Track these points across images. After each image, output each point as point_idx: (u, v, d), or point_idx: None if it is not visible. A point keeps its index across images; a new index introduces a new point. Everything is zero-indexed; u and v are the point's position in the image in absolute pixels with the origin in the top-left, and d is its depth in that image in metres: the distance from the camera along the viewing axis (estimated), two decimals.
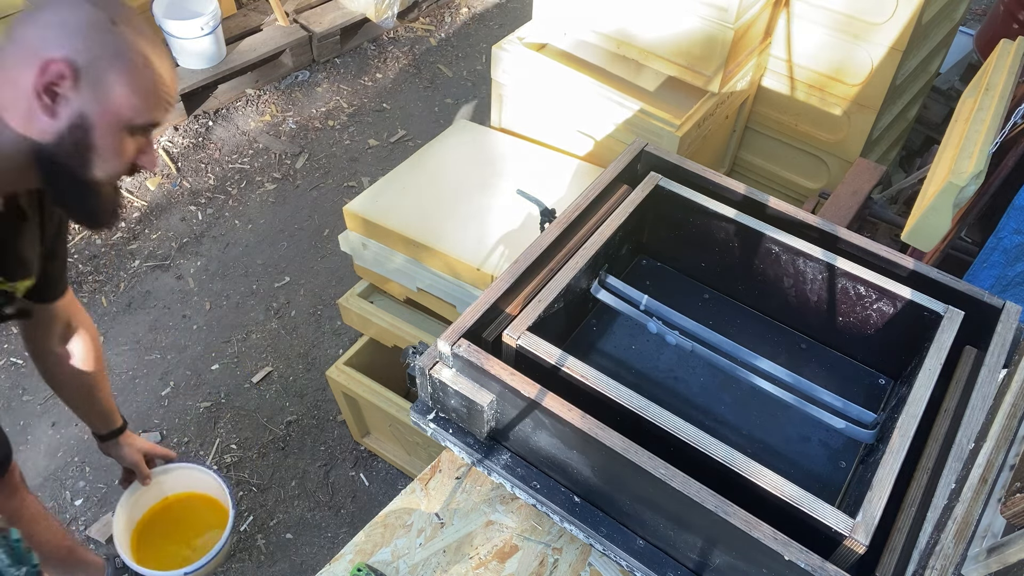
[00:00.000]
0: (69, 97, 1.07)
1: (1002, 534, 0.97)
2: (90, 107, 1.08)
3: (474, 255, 1.95)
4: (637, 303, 1.41)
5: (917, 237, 1.69)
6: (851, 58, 2.43)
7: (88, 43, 1.07)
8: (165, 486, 1.79)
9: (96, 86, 1.08)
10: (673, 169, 1.46)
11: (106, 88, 1.08)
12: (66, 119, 1.08)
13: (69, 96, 1.07)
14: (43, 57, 1.04)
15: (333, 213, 3.32)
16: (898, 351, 1.32)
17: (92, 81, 1.07)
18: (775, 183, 2.88)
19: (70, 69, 1.05)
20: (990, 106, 1.73)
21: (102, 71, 1.08)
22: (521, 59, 2.32)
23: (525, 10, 4.52)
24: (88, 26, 1.07)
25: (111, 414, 1.67)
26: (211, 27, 3.39)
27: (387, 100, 3.90)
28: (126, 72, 1.09)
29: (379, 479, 2.51)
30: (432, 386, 1.21)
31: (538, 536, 1.28)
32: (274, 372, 2.76)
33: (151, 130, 1.18)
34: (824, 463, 1.24)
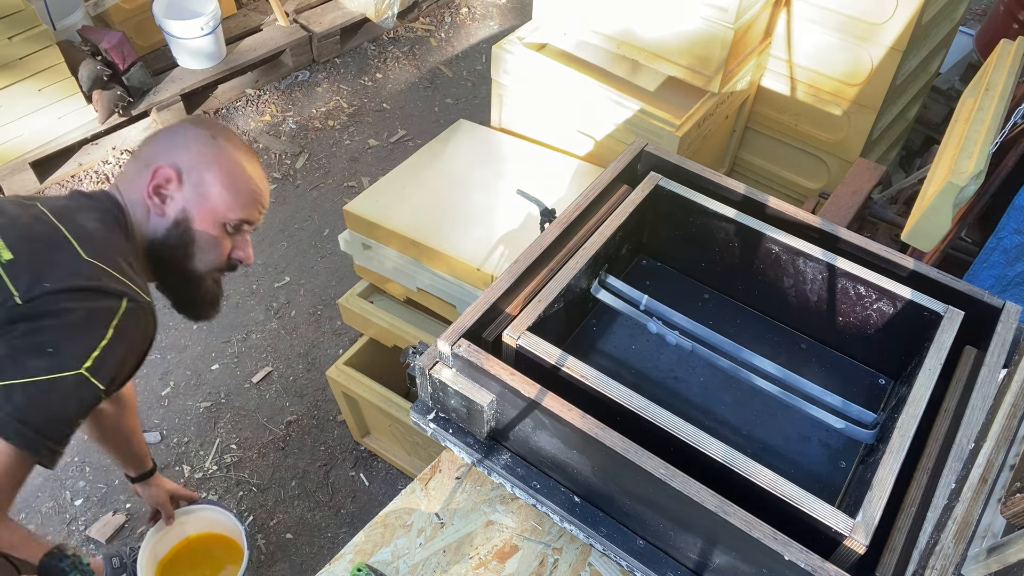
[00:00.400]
0: (175, 196, 1.30)
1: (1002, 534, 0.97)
2: (192, 203, 1.30)
3: (474, 255, 1.94)
4: (637, 303, 1.41)
5: (917, 237, 1.69)
6: (851, 58, 2.43)
7: (190, 151, 1.30)
8: (187, 526, 1.96)
9: (197, 186, 1.30)
10: (673, 169, 1.46)
11: (205, 187, 1.30)
12: (172, 214, 1.30)
13: (175, 196, 1.30)
14: (154, 165, 1.29)
15: (333, 213, 3.32)
16: (898, 351, 1.32)
17: (194, 182, 1.30)
18: (775, 183, 2.88)
19: (175, 172, 1.29)
20: (990, 106, 1.73)
21: (201, 173, 1.30)
22: (521, 59, 2.32)
23: (525, 10, 4.52)
24: (191, 139, 1.31)
25: (144, 458, 1.83)
26: (211, 27, 3.39)
27: (387, 100, 3.90)
28: (221, 173, 1.31)
29: (379, 479, 2.51)
30: (432, 386, 1.21)
31: (538, 536, 1.28)
32: (274, 372, 2.76)
33: (245, 229, 1.38)
34: (824, 463, 1.24)
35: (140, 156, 1.33)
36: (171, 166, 1.28)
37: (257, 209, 1.37)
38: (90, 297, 1.14)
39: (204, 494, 2.43)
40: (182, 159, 1.29)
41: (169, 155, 1.30)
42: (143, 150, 1.33)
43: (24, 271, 1.13)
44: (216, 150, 1.31)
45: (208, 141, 1.31)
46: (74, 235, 1.20)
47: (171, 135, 1.33)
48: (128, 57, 3.24)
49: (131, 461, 1.81)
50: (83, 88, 3.15)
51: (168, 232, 1.30)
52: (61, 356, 1.11)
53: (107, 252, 1.21)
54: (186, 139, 1.31)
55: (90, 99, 3.21)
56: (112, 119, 3.30)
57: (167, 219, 1.30)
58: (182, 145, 1.30)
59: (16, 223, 1.20)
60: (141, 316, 1.21)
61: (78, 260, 1.17)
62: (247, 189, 1.34)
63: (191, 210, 1.30)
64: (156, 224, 1.31)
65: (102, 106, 3.19)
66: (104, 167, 3.36)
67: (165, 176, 1.28)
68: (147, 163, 1.30)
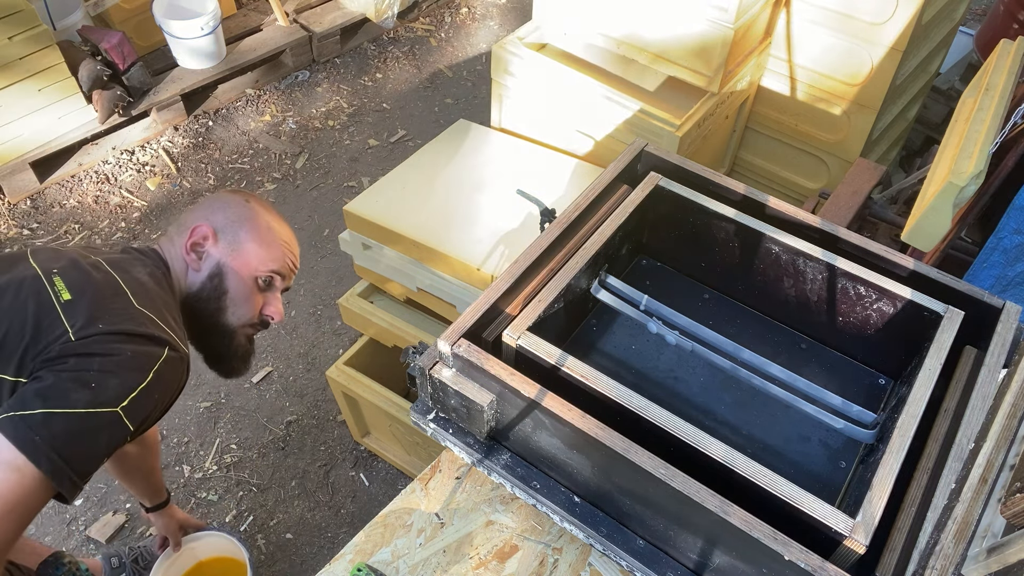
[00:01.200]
0: (210, 252, 1.41)
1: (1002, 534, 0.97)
2: (226, 258, 1.41)
3: (474, 255, 1.94)
4: (637, 303, 1.41)
5: (917, 237, 1.69)
6: (851, 58, 2.43)
7: (226, 212, 1.43)
8: (198, 551, 2.05)
9: (231, 242, 1.42)
10: (673, 169, 1.46)
11: (239, 243, 1.42)
12: (207, 268, 1.40)
13: (210, 251, 1.41)
14: (192, 225, 1.41)
15: (333, 213, 3.32)
16: (898, 351, 1.32)
17: (228, 239, 1.42)
18: (775, 183, 2.88)
19: (211, 230, 1.41)
20: (990, 106, 1.73)
21: (236, 230, 1.42)
22: (521, 59, 2.32)
23: (525, 10, 4.52)
24: (227, 203, 1.45)
25: (160, 491, 1.92)
26: (211, 27, 3.39)
27: (387, 100, 3.90)
28: (254, 231, 1.43)
29: (379, 479, 2.51)
30: (432, 386, 1.21)
31: (538, 536, 1.28)
32: (274, 372, 2.76)
33: (277, 287, 1.48)
34: (824, 463, 1.24)
35: (181, 220, 1.46)
36: (207, 224, 1.41)
37: (287, 264, 1.48)
38: (138, 341, 1.21)
39: (204, 494, 2.43)
40: (217, 219, 1.42)
41: (206, 216, 1.43)
42: (184, 215, 1.47)
43: (81, 312, 1.19)
44: (249, 211, 1.44)
45: (242, 204, 1.45)
46: (128, 285, 1.28)
47: (209, 201, 1.47)
48: (128, 57, 3.24)
49: (148, 494, 1.90)
50: (83, 88, 3.15)
51: (203, 285, 1.41)
52: (103, 392, 1.14)
53: (156, 304, 1.30)
54: (223, 204, 1.45)
55: (90, 99, 3.21)
56: (112, 119, 3.30)
57: (202, 273, 1.41)
58: (218, 208, 1.44)
59: (77, 268, 1.27)
60: (178, 365, 1.27)
61: (131, 307, 1.25)
62: (277, 245, 1.45)
63: (225, 264, 1.40)
64: (193, 278, 1.41)
65: (102, 106, 3.19)
66: (104, 167, 3.36)
67: (202, 234, 1.40)
68: (186, 225, 1.43)
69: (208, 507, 2.41)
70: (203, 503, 2.41)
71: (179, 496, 2.42)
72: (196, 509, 2.40)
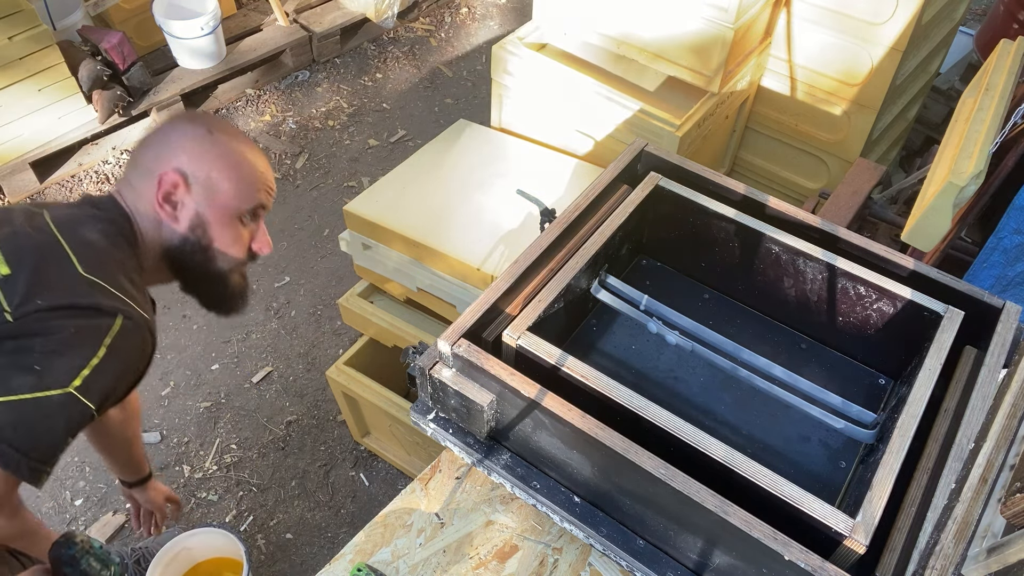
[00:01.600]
0: (185, 202, 1.27)
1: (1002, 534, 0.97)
2: (203, 206, 1.28)
3: (474, 255, 1.94)
4: (637, 303, 1.41)
5: (917, 237, 1.69)
6: (851, 58, 2.43)
7: (190, 152, 1.27)
8: (195, 552, 2.00)
9: (206, 186, 1.27)
10: (673, 169, 1.46)
11: (213, 185, 1.27)
12: (186, 221, 1.28)
13: (185, 201, 1.27)
14: (158, 172, 1.25)
15: (333, 213, 3.32)
16: (898, 351, 1.32)
17: (201, 182, 1.27)
18: (775, 183, 2.88)
19: (181, 177, 1.25)
20: (990, 106, 1.73)
21: (207, 172, 1.27)
22: (521, 59, 2.32)
23: (525, 10, 4.52)
24: (188, 138, 1.27)
25: (143, 463, 1.80)
26: (211, 27, 3.39)
27: (387, 100, 3.90)
28: (227, 168, 1.28)
29: (379, 479, 2.51)
30: (432, 386, 1.21)
31: (538, 536, 1.28)
32: (274, 372, 2.76)
33: (260, 215, 1.36)
34: (824, 463, 1.24)
35: (139, 163, 1.29)
36: (175, 171, 1.25)
37: (266, 192, 1.36)
38: (84, 315, 1.12)
39: (204, 494, 2.43)
40: (184, 161, 1.26)
41: (170, 159, 1.26)
42: (141, 156, 1.29)
43: (19, 288, 1.11)
44: (215, 145, 1.28)
45: (205, 137, 1.28)
46: (74, 248, 1.17)
47: (166, 137, 1.28)
48: (128, 57, 3.24)
49: (130, 467, 1.79)
50: (83, 88, 3.15)
51: (184, 239, 1.29)
52: (48, 375, 1.09)
53: (106, 267, 1.19)
54: (182, 139, 1.27)
55: (90, 99, 3.21)
56: (112, 119, 3.30)
57: (182, 225, 1.28)
58: (179, 147, 1.26)
59: (17, 235, 1.18)
60: (136, 334, 1.18)
61: (74, 276, 1.15)
62: (253, 176, 1.31)
63: (205, 213, 1.28)
64: (171, 232, 1.29)
65: (102, 106, 3.19)
66: (104, 167, 3.35)
67: (171, 182, 1.25)
68: (149, 170, 1.27)
69: (208, 507, 2.40)
70: (203, 503, 2.41)
71: (179, 496, 2.42)
72: (196, 509, 2.40)
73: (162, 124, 1.31)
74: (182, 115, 1.32)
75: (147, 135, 1.31)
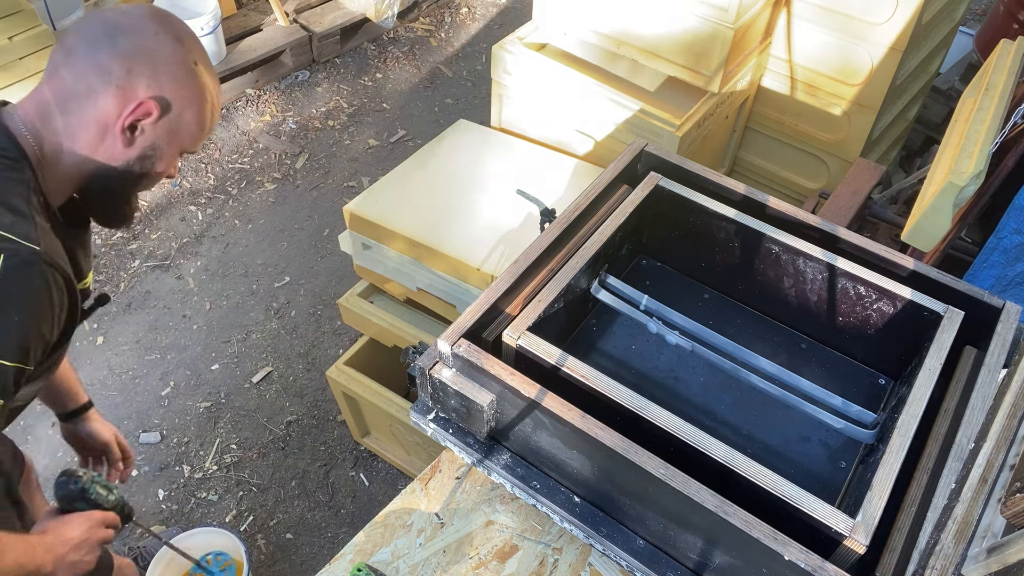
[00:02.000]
0: (146, 131, 1.11)
1: (1002, 534, 0.97)
2: (162, 139, 1.14)
3: (474, 255, 1.94)
4: (637, 303, 1.41)
5: (917, 237, 1.69)
6: (851, 58, 2.43)
7: (175, 84, 1.10)
8: (195, 551, 1.96)
9: (174, 122, 1.13)
10: (673, 169, 1.46)
11: (182, 125, 1.14)
12: (139, 148, 1.12)
13: (147, 129, 1.11)
14: (133, 94, 1.07)
15: (333, 213, 3.31)
16: (898, 351, 1.32)
17: (172, 118, 1.12)
18: (775, 183, 2.88)
19: (158, 108, 1.09)
20: (990, 106, 1.73)
21: (183, 109, 1.13)
22: (521, 59, 2.32)
23: (525, 10, 4.52)
24: (177, 66, 1.10)
25: (78, 389, 1.57)
26: (211, 27, 3.39)
27: (387, 100, 3.90)
28: (200, 111, 1.15)
29: (379, 479, 2.51)
30: (432, 386, 1.21)
31: (538, 536, 1.28)
32: (274, 372, 2.76)
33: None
34: (824, 463, 1.24)
35: (98, 64, 1.06)
36: (154, 99, 1.08)
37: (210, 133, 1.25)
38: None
39: (204, 494, 2.43)
40: (166, 92, 1.09)
41: (149, 84, 1.08)
42: (102, 57, 1.06)
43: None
44: (199, 83, 1.13)
45: (191, 70, 1.12)
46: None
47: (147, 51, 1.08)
48: None
49: (66, 393, 1.55)
50: None
51: (129, 164, 1.14)
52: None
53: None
54: (168, 64, 1.09)
55: None
56: None
57: (131, 153, 1.12)
58: (165, 72, 1.09)
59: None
60: (30, 269, 1.01)
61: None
62: (214, 121, 1.21)
63: (161, 146, 1.14)
64: (114, 153, 1.11)
65: None
66: None
67: (146, 111, 1.08)
68: (117, 83, 1.06)
69: (208, 507, 2.41)
70: (203, 503, 2.41)
71: (179, 496, 2.42)
72: (196, 509, 2.40)
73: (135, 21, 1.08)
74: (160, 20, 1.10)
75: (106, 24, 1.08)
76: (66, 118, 1.08)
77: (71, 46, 1.07)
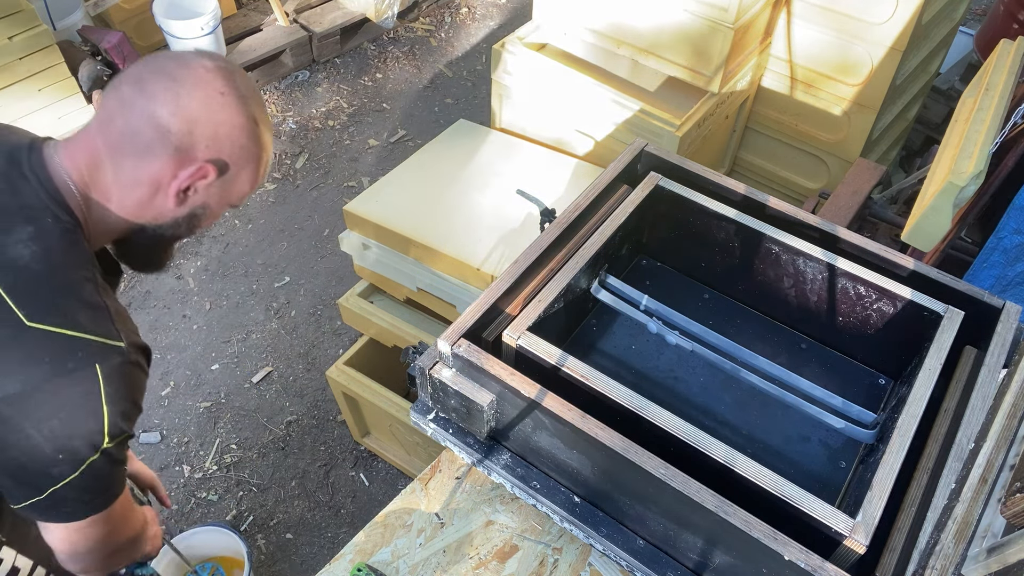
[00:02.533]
0: (199, 190, 1.05)
1: (1002, 534, 0.97)
2: (214, 198, 1.08)
3: (474, 255, 1.94)
4: (637, 303, 1.41)
5: (917, 237, 1.69)
6: (851, 58, 2.43)
7: (234, 147, 1.04)
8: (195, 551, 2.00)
9: (230, 183, 1.08)
10: (673, 169, 1.46)
11: (235, 184, 1.08)
12: (188, 208, 1.07)
13: (200, 189, 1.05)
14: (191, 157, 1.01)
15: (333, 213, 3.32)
16: (898, 351, 1.32)
17: (228, 180, 1.07)
18: (775, 183, 2.88)
19: (215, 171, 1.03)
20: (990, 106, 1.73)
21: (240, 169, 1.07)
22: (521, 59, 2.32)
23: (525, 10, 4.52)
24: (239, 129, 1.04)
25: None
26: (211, 27, 3.39)
27: (387, 100, 3.90)
28: (255, 171, 1.10)
29: (379, 479, 2.51)
30: (432, 386, 1.21)
31: (538, 536, 1.28)
32: (274, 372, 2.76)
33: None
34: (824, 463, 1.24)
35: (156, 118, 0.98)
36: (213, 163, 1.02)
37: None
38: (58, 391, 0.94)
39: (204, 494, 2.43)
40: (227, 150, 1.03)
41: (208, 147, 1.01)
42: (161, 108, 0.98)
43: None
44: (258, 144, 1.08)
45: (253, 131, 1.06)
46: (6, 284, 0.93)
47: (211, 111, 1.00)
48: (128, 57, 3.24)
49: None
50: (83, 88, 3.15)
51: (176, 222, 1.09)
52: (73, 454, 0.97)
53: (54, 302, 0.96)
54: (229, 123, 1.02)
55: (90, 99, 3.21)
56: None
57: (181, 211, 1.07)
58: (227, 135, 1.02)
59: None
60: (124, 368, 1.00)
61: (19, 334, 0.92)
62: (264, 175, 1.15)
63: (211, 205, 1.10)
64: (163, 212, 1.06)
65: None
66: None
67: (203, 174, 1.03)
68: (175, 143, 0.99)
69: (208, 507, 2.41)
70: (203, 503, 2.41)
71: (179, 496, 2.42)
72: (196, 509, 2.40)
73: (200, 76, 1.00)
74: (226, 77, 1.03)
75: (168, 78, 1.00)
76: (117, 173, 1.01)
77: (128, 96, 0.99)
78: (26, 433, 0.94)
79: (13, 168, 0.99)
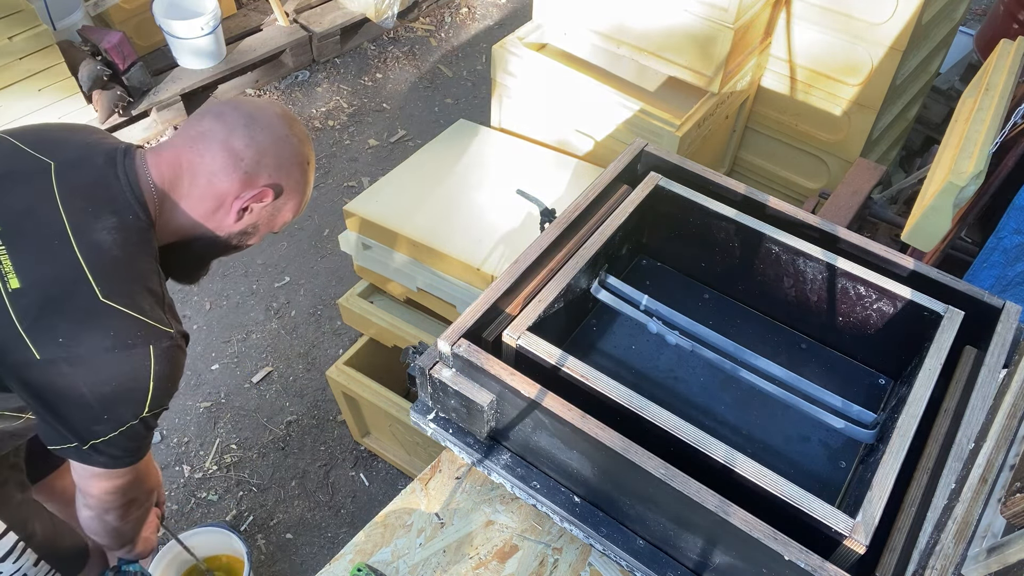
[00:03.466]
0: (255, 211, 1.25)
1: (1002, 534, 0.97)
2: (264, 220, 1.28)
3: (474, 255, 1.94)
4: (637, 303, 1.41)
5: (917, 237, 1.69)
6: (851, 58, 2.43)
7: (291, 178, 1.25)
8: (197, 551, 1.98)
9: (280, 208, 1.28)
10: (673, 169, 1.46)
11: (282, 210, 1.29)
12: (243, 224, 1.26)
13: (255, 211, 1.25)
14: (256, 180, 1.21)
15: (333, 213, 3.32)
16: (898, 351, 1.32)
17: (279, 205, 1.28)
18: (775, 183, 2.88)
19: (272, 195, 1.24)
20: (990, 106, 1.73)
21: (291, 195, 1.28)
22: (521, 59, 2.32)
23: (525, 10, 4.52)
24: (296, 165, 1.26)
25: None
26: (211, 27, 3.39)
27: (387, 100, 3.90)
28: (300, 203, 1.31)
29: (379, 479, 2.51)
30: (432, 386, 1.21)
31: (538, 536, 1.28)
32: (274, 372, 2.76)
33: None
34: (824, 463, 1.24)
35: (232, 146, 1.18)
36: (272, 187, 1.23)
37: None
38: (116, 362, 1.09)
39: (204, 494, 2.43)
40: (284, 180, 1.24)
41: (271, 173, 1.22)
42: (238, 140, 1.19)
43: (33, 312, 1.05)
44: (307, 180, 1.30)
45: (306, 168, 1.28)
46: (89, 262, 1.08)
47: (284, 147, 1.22)
48: (128, 57, 3.24)
49: None
50: (83, 88, 3.15)
51: (230, 236, 1.28)
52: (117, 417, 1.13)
53: (125, 285, 1.11)
54: (291, 160, 1.24)
55: (90, 99, 3.21)
56: (112, 119, 3.29)
57: (235, 228, 1.26)
58: (290, 167, 1.24)
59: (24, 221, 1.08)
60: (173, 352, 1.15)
61: (93, 307, 1.07)
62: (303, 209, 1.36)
63: (260, 226, 1.30)
64: (221, 225, 1.25)
65: (102, 106, 3.19)
66: None
67: (261, 195, 1.22)
68: (246, 168, 1.19)
69: (208, 507, 2.41)
70: (203, 503, 2.41)
71: (179, 496, 2.42)
72: (196, 509, 2.40)
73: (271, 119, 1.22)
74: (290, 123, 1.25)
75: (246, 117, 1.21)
76: (192, 187, 1.20)
77: (210, 129, 1.20)
78: (80, 392, 1.08)
79: (110, 168, 1.17)
